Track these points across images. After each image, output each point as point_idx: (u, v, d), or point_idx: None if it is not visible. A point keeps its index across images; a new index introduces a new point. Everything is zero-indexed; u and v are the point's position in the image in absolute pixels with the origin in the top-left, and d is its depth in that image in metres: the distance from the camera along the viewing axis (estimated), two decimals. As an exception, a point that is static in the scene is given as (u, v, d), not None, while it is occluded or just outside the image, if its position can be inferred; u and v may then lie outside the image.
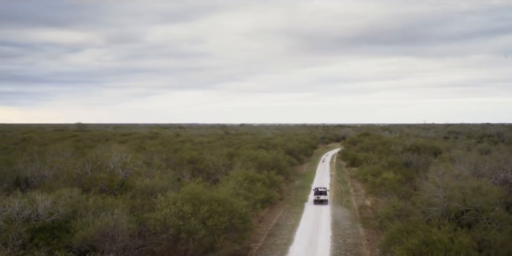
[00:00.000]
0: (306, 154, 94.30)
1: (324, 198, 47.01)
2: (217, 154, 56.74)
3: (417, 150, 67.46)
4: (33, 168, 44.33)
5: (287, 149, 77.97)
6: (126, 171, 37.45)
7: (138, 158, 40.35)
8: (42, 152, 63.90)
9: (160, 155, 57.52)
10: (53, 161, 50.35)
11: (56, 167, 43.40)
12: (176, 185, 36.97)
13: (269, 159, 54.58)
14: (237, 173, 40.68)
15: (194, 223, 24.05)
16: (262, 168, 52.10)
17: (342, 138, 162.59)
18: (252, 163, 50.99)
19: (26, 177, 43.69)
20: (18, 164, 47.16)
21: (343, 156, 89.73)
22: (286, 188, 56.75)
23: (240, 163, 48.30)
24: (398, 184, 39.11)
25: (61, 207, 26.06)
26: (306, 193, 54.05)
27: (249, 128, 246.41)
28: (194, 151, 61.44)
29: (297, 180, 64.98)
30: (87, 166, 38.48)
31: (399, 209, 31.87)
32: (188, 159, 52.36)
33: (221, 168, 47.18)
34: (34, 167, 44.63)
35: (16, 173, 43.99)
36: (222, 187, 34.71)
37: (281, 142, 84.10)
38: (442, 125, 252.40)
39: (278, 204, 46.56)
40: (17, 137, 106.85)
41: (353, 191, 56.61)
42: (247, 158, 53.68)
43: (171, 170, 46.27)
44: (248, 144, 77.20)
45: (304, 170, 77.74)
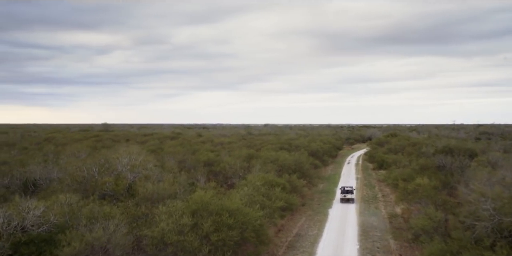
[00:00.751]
0: (331, 156, 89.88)
1: (351, 197, 47.44)
2: (236, 156, 53.27)
3: (450, 152, 62.37)
4: (42, 170, 42.05)
5: (311, 150, 73.84)
6: (135, 175, 34.31)
7: (148, 161, 37.14)
8: (59, 153, 62.05)
9: (177, 157, 54.60)
10: (65, 162, 48.17)
11: (65, 169, 40.95)
12: (187, 190, 33.67)
13: (291, 162, 50.74)
14: (254, 177, 37.03)
15: (191, 240, 20.42)
16: (283, 171, 48.35)
17: (368, 139, 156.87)
18: (272, 166, 47.27)
19: (34, 179, 41.39)
20: (30, 166, 45.20)
21: (370, 158, 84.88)
22: (309, 192, 52.74)
23: (259, 166, 44.68)
24: (433, 191, 34.64)
25: (54, 216, 23.10)
26: (330, 198, 49.98)
27: (273, 128, 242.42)
28: (212, 153, 58.16)
29: (320, 184, 60.88)
30: (94, 168, 35.65)
31: (437, 222, 27.59)
32: (204, 161, 49.09)
33: (238, 171, 43.67)
34: (43, 169, 42.38)
35: (25, 175, 41.86)
36: (236, 194, 31.09)
37: (304, 143, 79.98)
38: (472, 126, 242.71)
39: (299, 210, 42.71)
40: (41, 137, 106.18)
41: (381, 196, 52.16)
42: (267, 160, 50.00)
43: (185, 173, 43.11)
44: (270, 145, 73.47)
45: (328, 173, 73.45)
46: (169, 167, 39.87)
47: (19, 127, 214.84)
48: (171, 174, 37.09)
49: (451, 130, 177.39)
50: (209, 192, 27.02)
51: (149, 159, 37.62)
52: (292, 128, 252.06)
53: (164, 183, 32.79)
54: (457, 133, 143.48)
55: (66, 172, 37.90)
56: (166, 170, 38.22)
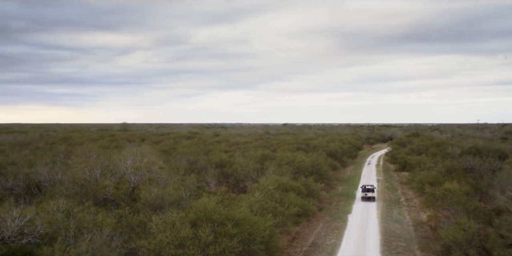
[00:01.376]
0: (350, 156, 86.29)
1: (372, 195, 47.49)
2: (250, 157, 50.51)
3: (478, 153, 58.31)
4: (47, 172, 40.10)
5: (329, 151, 70.51)
6: (138, 178, 31.84)
7: (154, 162, 34.65)
8: (69, 153, 60.40)
9: (189, 157, 52.21)
10: (73, 163, 46.26)
11: (70, 170, 38.88)
12: (193, 195, 31.06)
13: (308, 163, 47.68)
14: (267, 181, 34.15)
15: (192, 253, 17.74)
16: (299, 173, 45.34)
17: (389, 139, 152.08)
18: (288, 168, 44.29)
19: (39, 181, 39.44)
20: (37, 166, 43.43)
21: (391, 159, 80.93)
22: (327, 195, 49.60)
23: (273, 168, 41.78)
24: (464, 197, 31.15)
25: (41, 225, 20.74)
26: (349, 202, 46.71)
27: (292, 128, 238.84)
28: (226, 153, 55.52)
29: (339, 186, 57.60)
30: (97, 170, 33.37)
31: (471, 233, 24.25)
32: (216, 162, 46.45)
33: (251, 174, 40.86)
34: (49, 170, 40.45)
35: (30, 177, 40.00)
36: (246, 200, 28.28)
37: (323, 143, 76.63)
38: (497, 125, 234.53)
39: (316, 216, 39.66)
40: (58, 137, 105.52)
41: (404, 200, 48.63)
42: (282, 161, 47.06)
43: (195, 175, 40.57)
44: (287, 145, 70.47)
45: (347, 174, 70.01)
46: (176, 169, 37.20)
47: (40, 127, 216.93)
48: (178, 176, 34.51)
49: (475, 129, 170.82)
50: (214, 198, 24.30)
51: (154, 161, 35.11)
52: (311, 127, 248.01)
53: (168, 187, 30.29)
54: (482, 133, 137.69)
55: (69, 174, 35.77)
56: (173, 172, 35.63)
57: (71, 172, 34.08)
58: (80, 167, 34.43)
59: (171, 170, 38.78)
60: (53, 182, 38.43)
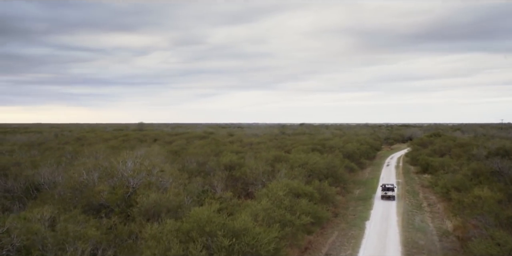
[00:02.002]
0: (368, 157, 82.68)
1: (392, 194, 47.57)
2: (262, 158, 47.73)
3: (507, 155, 54.47)
4: (47, 173, 38.14)
5: (346, 151, 67.23)
6: (138, 181, 29.39)
7: (155, 165, 32.15)
8: (78, 153, 58.63)
9: (198, 158, 49.75)
10: (76, 164, 44.26)
11: (67, 172, 36.77)
12: (195, 201, 28.48)
13: (323, 165, 44.63)
14: (277, 185, 31.31)
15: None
16: (313, 176, 42.40)
17: (409, 139, 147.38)
18: (301, 171, 41.34)
19: (38, 183, 37.47)
20: (40, 168, 41.63)
21: (412, 160, 77.03)
22: (343, 199, 46.50)
23: (285, 171, 38.91)
24: (497, 206, 27.75)
25: (16, 237, 18.41)
26: (367, 207, 43.53)
27: (308, 128, 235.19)
28: (237, 154, 52.85)
29: (356, 189, 54.36)
30: (95, 173, 31.10)
31: (508, 250, 21.00)
32: (225, 164, 43.79)
33: (260, 177, 38.06)
34: (50, 171, 38.49)
35: (30, 179, 38.09)
36: (252, 207, 25.52)
37: (339, 143, 73.27)
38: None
39: (331, 223, 36.67)
40: (71, 137, 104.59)
41: (426, 205, 45.14)
42: (296, 163, 44.15)
43: (202, 178, 38.03)
44: (301, 145, 67.40)
45: (365, 177, 66.59)
46: (180, 172, 34.62)
47: (59, 127, 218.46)
48: (181, 180, 31.96)
49: (498, 129, 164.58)
50: (214, 206, 21.65)
51: (156, 163, 32.60)
52: (328, 127, 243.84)
53: (168, 192, 27.77)
54: (506, 133, 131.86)
55: (66, 177, 33.61)
56: (177, 175, 33.08)
57: (67, 175, 31.88)
58: (77, 170, 32.24)
59: (175, 173, 36.35)
60: (53, 184, 36.47)
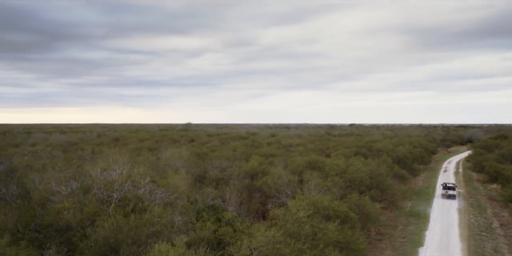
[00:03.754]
0: (422, 162, 72.16)
1: (452, 193, 47.20)
2: (293, 164, 40.03)
3: None
4: (37, 181, 32.78)
5: (396, 156, 57.80)
6: (118, 195, 22.73)
7: (143, 174, 25.34)
8: (96, 154, 53.80)
9: (222, 163, 42.91)
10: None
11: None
12: (187, 223, 21.42)
13: (365, 174, 36.14)
14: (299, 203, 23.58)
15: None
16: (352, 187, 34.16)
17: (468, 141, 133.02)
18: (337, 180, 33.26)
19: (27, 191, 32.18)
20: (43, 173, 36.68)
21: (474, 166, 65.78)
22: (391, 215, 37.81)
23: (317, 180, 30.92)
24: None
25: None
26: (420, 227, 34.60)
27: (358, 128, 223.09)
28: (267, 159, 45.44)
29: (408, 201, 45.15)
30: (72, 183, 24.87)
31: None
32: (246, 172, 36.50)
33: (285, 189, 30.33)
34: (38, 179, 33.10)
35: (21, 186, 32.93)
36: (258, 237, 18.01)
37: (389, 146, 63.65)
38: None
39: (374, 248, 28.36)
40: (110, 137, 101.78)
41: (498, 226, 35.47)
42: (332, 171, 36.02)
43: (212, 189, 30.96)
44: (345, 148, 58.74)
45: (418, 185, 56.78)
46: (174, 185, 27.65)
47: (110, 127, 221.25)
48: (176, 194, 24.98)
49: None
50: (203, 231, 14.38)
51: (144, 172, 25.74)
52: (379, 128, 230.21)
53: (153, 210, 20.92)
54: None
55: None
56: (176, 186, 26.17)
57: (35, 187, 25.92)
58: (55, 178, 26.20)
59: (178, 182, 29.54)
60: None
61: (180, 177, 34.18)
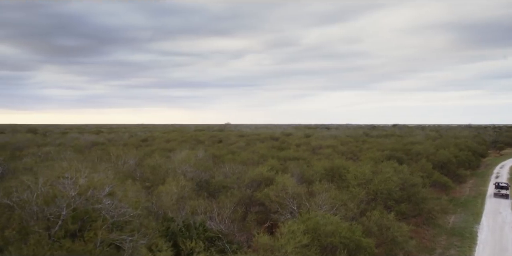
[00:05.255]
0: (469, 166, 63.16)
1: (505, 193, 45.70)
2: (313, 170, 33.82)
3: None
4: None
5: (438, 160, 49.87)
6: (65, 211, 17.63)
7: (107, 183, 20.11)
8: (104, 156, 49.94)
9: (234, 167, 37.36)
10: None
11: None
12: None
13: (395, 185, 29.21)
14: (294, 227, 17.55)
15: None
16: (377, 200, 27.52)
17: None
18: (358, 192, 26.77)
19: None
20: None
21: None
22: (427, 234, 30.72)
23: (331, 193, 24.56)
24: None
25: None
26: (465, 252, 27.34)
27: (402, 129, 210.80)
28: (284, 163, 39.43)
29: (450, 215, 37.57)
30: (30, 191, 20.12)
31: None
32: (252, 179, 30.67)
33: (289, 203, 24.17)
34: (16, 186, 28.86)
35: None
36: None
37: (430, 149, 55.50)
38: None
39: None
40: (139, 138, 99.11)
41: None
42: (354, 180, 29.49)
43: (202, 201, 25.37)
44: (378, 151, 51.44)
45: (464, 194, 48.53)
46: (170, 191, 22.13)
47: (149, 127, 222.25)
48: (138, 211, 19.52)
49: None
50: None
51: (110, 181, 20.53)
52: (423, 128, 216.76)
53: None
54: None
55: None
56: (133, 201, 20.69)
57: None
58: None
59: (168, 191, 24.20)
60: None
61: (176, 185, 29.07)
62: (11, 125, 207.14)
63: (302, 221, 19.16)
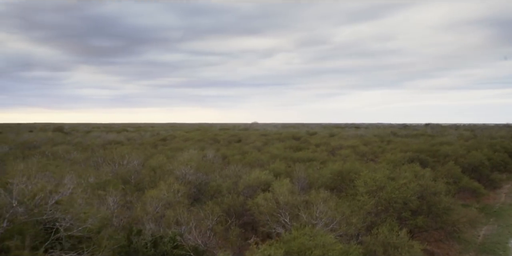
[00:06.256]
0: (505, 170, 56.95)
1: None
2: (315, 174, 29.81)
3: None
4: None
5: (468, 163, 44.56)
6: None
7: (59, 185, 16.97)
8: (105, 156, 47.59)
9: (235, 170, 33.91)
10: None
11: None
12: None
13: (412, 192, 24.77)
14: (274, 251, 13.78)
15: None
16: (389, 211, 23.29)
17: None
18: (367, 201, 22.67)
19: None
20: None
21: None
22: (451, 251, 26.09)
23: (332, 204, 20.57)
24: None
25: None
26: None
27: (434, 128, 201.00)
28: (292, 165, 35.58)
29: (481, 227, 32.50)
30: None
31: None
32: (249, 184, 27.01)
33: (281, 215, 20.35)
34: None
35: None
36: None
37: (460, 150, 50.00)
38: None
39: None
40: (159, 137, 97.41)
41: None
42: (364, 187, 25.31)
43: (183, 210, 21.95)
44: (400, 153, 46.54)
45: (499, 201, 42.95)
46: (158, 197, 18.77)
47: (177, 126, 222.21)
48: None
49: None
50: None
51: (65, 188, 17.36)
52: (457, 128, 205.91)
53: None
54: None
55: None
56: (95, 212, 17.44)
57: None
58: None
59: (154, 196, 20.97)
60: None
61: (168, 189, 25.90)
62: (46, 124, 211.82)
63: (284, 242, 15.36)
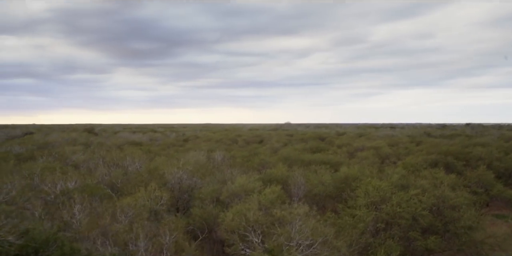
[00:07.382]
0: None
1: None
2: (314, 181, 25.57)
3: None
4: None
5: (505, 167, 38.63)
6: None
7: None
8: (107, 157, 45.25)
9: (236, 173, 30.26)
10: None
11: None
12: None
13: (423, 206, 20.05)
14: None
15: None
16: (392, 229, 18.74)
17: None
18: (366, 216, 18.29)
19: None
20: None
21: None
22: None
23: (310, 223, 16.42)
24: None
25: None
26: None
27: (475, 128, 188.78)
28: (296, 170, 31.38)
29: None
30: None
31: None
32: (234, 193, 23.17)
33: (252, 234, 16.41)
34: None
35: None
36: None
37: (495, 153, 43.71)
38: None
39: None
40: (182, 137, 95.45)
41: None
42: (364, 199, 20.87)
43: (149, 223, 18.43)
44: (426, 155, 41.13)
45: (541, 212, 36.70)
46: None
47: (209, 127, 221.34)
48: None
49: None
50: None
51: None
52: (500, 128, 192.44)
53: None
54: None
55: None
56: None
57: None
58: None
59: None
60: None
61: (148, 196, 22.75)
62: (85, 125, 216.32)
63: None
